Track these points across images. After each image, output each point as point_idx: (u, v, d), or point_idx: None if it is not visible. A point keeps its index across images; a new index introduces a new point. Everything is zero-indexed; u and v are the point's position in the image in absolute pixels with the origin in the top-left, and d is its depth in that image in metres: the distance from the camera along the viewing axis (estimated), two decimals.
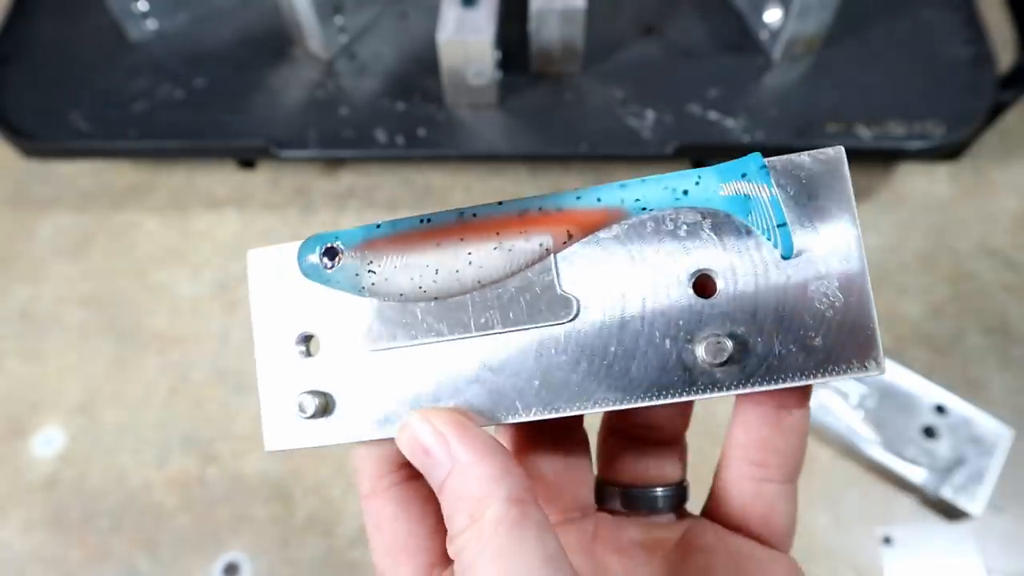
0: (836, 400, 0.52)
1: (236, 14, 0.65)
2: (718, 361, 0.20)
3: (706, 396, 0.20)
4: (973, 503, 0.49)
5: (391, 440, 0.22)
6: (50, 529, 0.52)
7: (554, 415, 0.21)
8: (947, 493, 0.49)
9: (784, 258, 0.20)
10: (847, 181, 0.20)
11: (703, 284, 0.21)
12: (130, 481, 0.54)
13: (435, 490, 0.21)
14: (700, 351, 0.20)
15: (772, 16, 0.60)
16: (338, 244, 0.23)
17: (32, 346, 0.58)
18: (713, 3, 0.64)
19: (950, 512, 0.50)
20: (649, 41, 0.63)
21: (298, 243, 0.24)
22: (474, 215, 0.22)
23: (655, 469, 0.26)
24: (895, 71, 0.60)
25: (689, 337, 0.20)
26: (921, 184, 0.63)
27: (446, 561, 0.23)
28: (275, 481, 0.53)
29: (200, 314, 0.59)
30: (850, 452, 0.52)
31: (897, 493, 0.52)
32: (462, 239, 0.22)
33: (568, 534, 0.25)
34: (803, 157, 0.20)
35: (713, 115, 0.59)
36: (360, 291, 0.23)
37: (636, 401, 0.21)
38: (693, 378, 0.20)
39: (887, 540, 0.50)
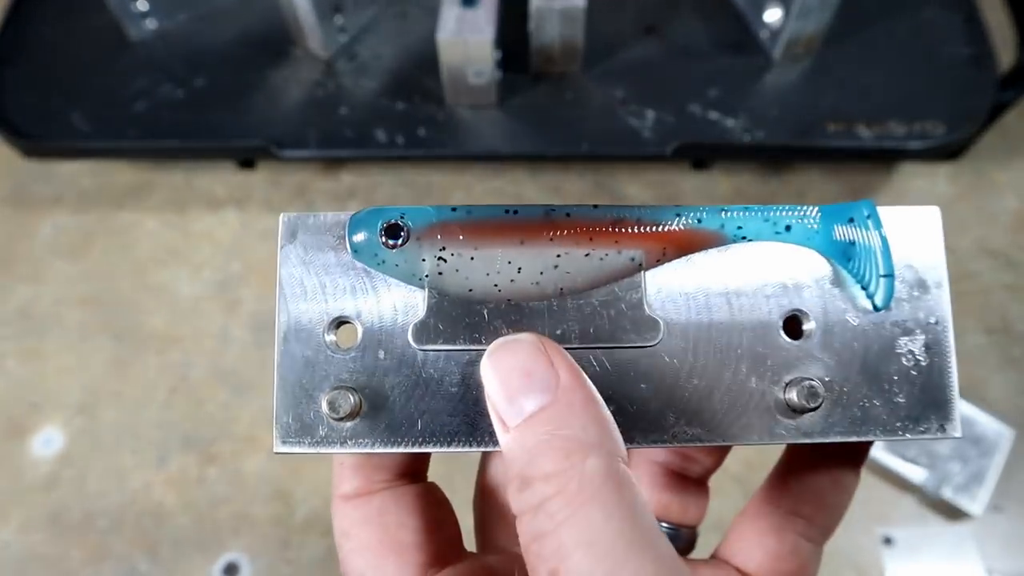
0: None
1: (236, 14, 0.65)
2: (811, 405, 0.19)
3: (787, 441, 0.20)
4: (973, 503, 0.49)
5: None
6: (50, 529, 0.52)
7: (629, 446, 0.19)
8: (947, 493, 0.49)
9: (877, 309, 0.20)
10: (940, 241, 0.20)
11: (793, 324, 0.20)
12: (130, 481, 0.53)
13: (506, 425, 0.17)
14: (789, 394, 0.19)
15: (772, 16, 0.60)
16: (404, 222, 0.20)
17: (32, 346, 0.58)
18: (713, 3, 0.64)
19: (950, 512, 0.50)
20: (649, 41, 0.63)
21: (341, 214, 0.20)
22: (567, 215, 0.20)
23: (677, 506, 0.25)
24: (895, 71, 0.60)
25: (776, 378, 0.20)
26: (921, 184, 0.63)
27: (439, 563, 0.21)
28: (275, 481, 0.53)
29: (200, 314, 0.59)
30: None
31: (897, 493, 0.51)
32: (552, 239, 0.19)
33: None
34: (896, 210, 0.20)
35: (713, 115, 0.58)
36: (418, 280, 0.20)
37: (715, 440, 0.19)
38: (777, 421, 0.19)
39: (888, 540, 0.50)
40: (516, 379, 0.17)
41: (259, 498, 0.53)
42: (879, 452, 0.51)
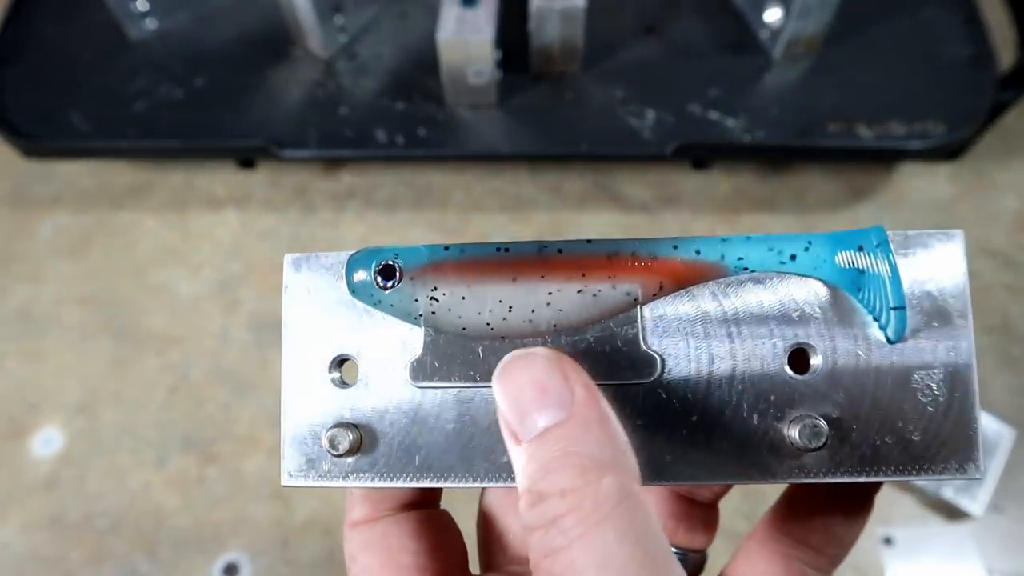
0: None
1: (236, 14, 0.65)
2: (813, 445, 0.18)
3: (790, 482, 0.19)
4: (974, 503, 0.49)
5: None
6: (50, 529, 0.52)
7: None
8: (948, 493, 0.49)
9: (891, 342, 0.18)
10: (963, 268, 0.19)
11: (799, 358, 0.19)
12: (129, 481, 0.53)
13: (519, 439, 0.17)
14: (792, 432, 0.18)
15: (772, 16, 0.60)
16: (397, 262, 0.20)
17: (32, 346, 0.58)
18: (713, 3, 0.64)
19: (951, 512, 0.50)
20: (649, 41, 0.63)
21: (342, 253, 0.21)
22: (559, 251, 0.19)
23: (684, 532, 0.24)
24: (895, 71, 0.60)
25: (780, 415, 0.19)
26: (921, 184, 0.63)
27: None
28: (275, 481, 0.53)
29: (200, 314, 0.59)
30: None
31: (897, 493, 0.51)
32: (543, 276, 0.19)
33: None
34: (917, 235, 0.19)
35: (713, 115, 0.58)
36: (414, 319, 0.20)
37: (714, 480, 0.19)
38: (780, 460, 0.19)
39: (888, 540, 0.50)
40: (530, 393, 0.17)
41: (259, 498, 0.53)
42: None
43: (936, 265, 0.19)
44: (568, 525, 0.16)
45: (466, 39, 0.54)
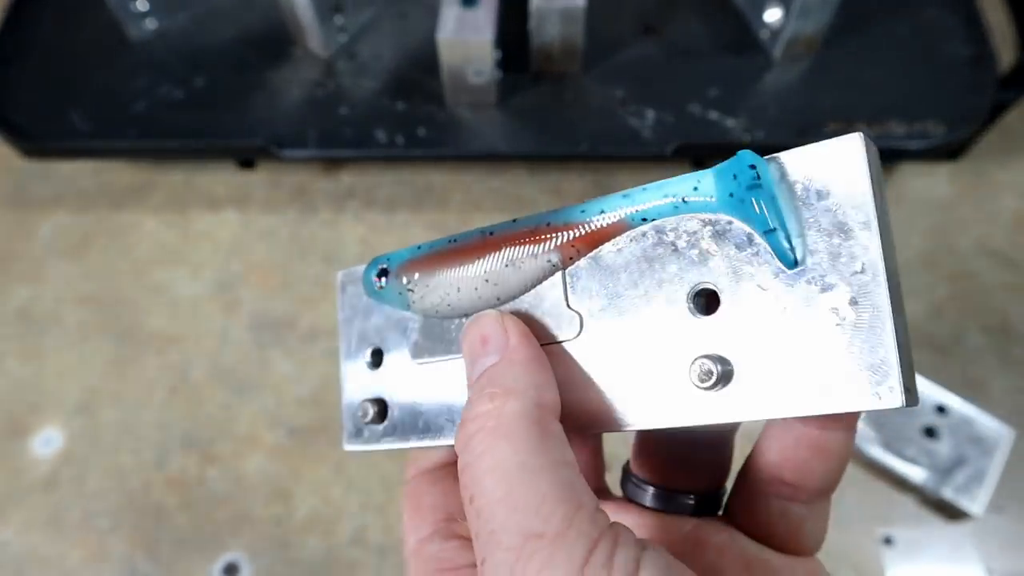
0: None
1: (236, 14, 0.65)
2: (716, 384, 0.18)
3: (707, 422, 0.19)
4: (974, 503, 0.49)
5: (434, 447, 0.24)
6: (50, 529, 0.52)
7: (572, 432, 0.20)
8: (947, 493, 0.49)
9: (788, 267, 0.17)
10: (864, 173, 0.17)
11: (706, 300, 0.19)
12: (130, 481, 0.53)
13: (469, 383, 0.20)
14: (701, 372, 0.18)
15: (772, 16, 0.60)
16: (387, 264, 0.24)
17: (32, 346, 0.58)
18: (713, 3, 0.64)
19: (951, 512, 0.50)
20: (649, 41, 0.63)
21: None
22: (491, 233, 0.22)
23: (696, 476, 0.25)
24: (895, 71, 0.60)
25: (689, 357, 0.19)
26: (921, 184, 0.63)
27: (449, 518, 0.25)
28: (275, 481, 0.53)
29: (200, 314, 0.59)
30: None
31: (897, 493, 0.51)
32: (480, 258, 0.22)
33: None
34: (812, 148, 0.18)
35: (713, 115, 0.59)
36: (408, 308, 0.24)
37: (639, 424, 0.20)
38: (694, 401, 0.19)
39: (887, 540, 0.50)
40: (477, 344, 0.21)
41: (259, 498, 0.53)
42: (878, 452, 0.51)
43: (833, 176, 0.17)
44: (475, 443, 0.18)
45: (466, 39, 0.54)
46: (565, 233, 0.21)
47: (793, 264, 0.17)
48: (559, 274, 0.21)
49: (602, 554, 0.16)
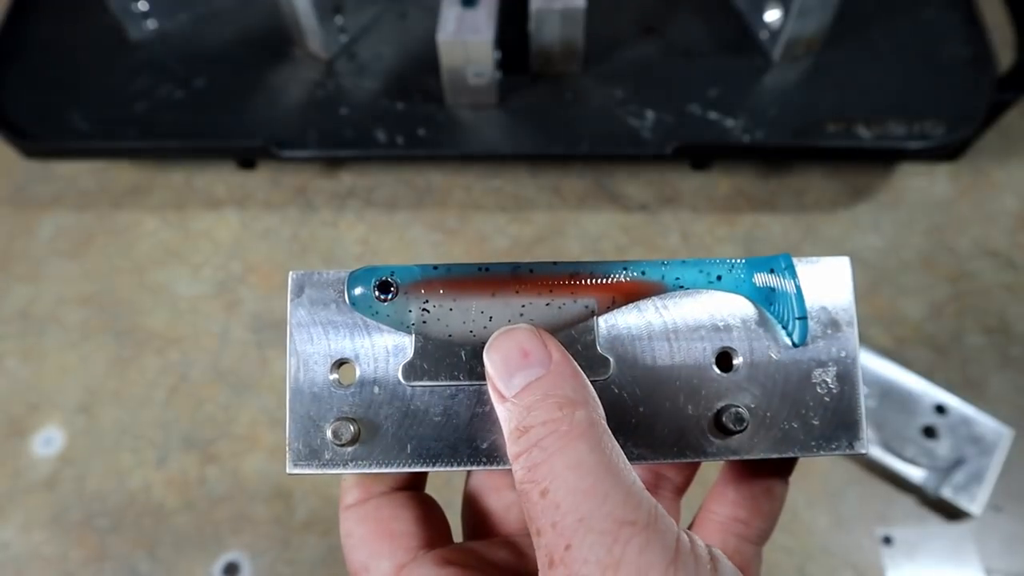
0: None
1: (236, 14, 0.65)
2: (737, 429, 0.22)
3: (718, 459, 0.23)
4: (973, 503, 0.49)
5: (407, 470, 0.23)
6: (50, 529, 0.52)
7: None
8: (947, 493, 0.49)
9: (795, 345, 0.23)
10: (849, 287, 0.23)
11: (725, 359, 0.23)
12: (130, 481, 0.54)
13: (504, 394, 0.21)
14: (720, 419, 0.23)
15: (772, 16, 0.60)
16: (393, 279, 0.24)
17: (32, 346, 0.58)
18: (713, 3, 0.64)
19: (950, 512, 0.50)
20: (649, 41, 0.63)
21: (341, 270, 0.24)
22: (530, 271, 0.23)
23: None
24: (895, 71, 0.60)
25: (709, 406, 0.23)
26: (921, 184, 0.63)
27: (429, 547, 0.24)
28: (275, 481, 0.53)
29: (200, 314, 0.59)
30: None
31: (897, 493, 0.52)
32: (517, 292, 0.23)
33: None
34: (812, 262, 0.24)
35: (713, 115, 0.59)
36: (406, 327, 0.23)
37: (658, 458, 0.23)
38: (709, 442, 0.23)
39: (887, 540, 0.50)
40: (515, 357, 0.21)
41: (259, 498, 0.53)
42: (878, 452, 0.51)
43: (830, 285, 0.24)
44: (548, 443, 0.19)
45: (466, 40, 0.54)
46: (606, 284, 0.23)
47: (800, 344, 0.23)
48: (594, 319, 0.23)
49: (687, 544, 0.18)
